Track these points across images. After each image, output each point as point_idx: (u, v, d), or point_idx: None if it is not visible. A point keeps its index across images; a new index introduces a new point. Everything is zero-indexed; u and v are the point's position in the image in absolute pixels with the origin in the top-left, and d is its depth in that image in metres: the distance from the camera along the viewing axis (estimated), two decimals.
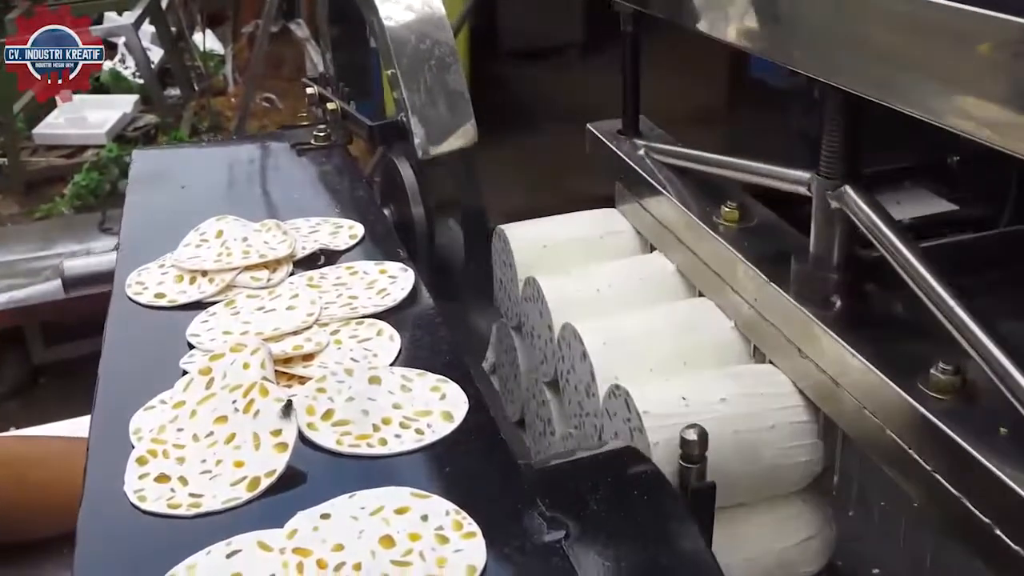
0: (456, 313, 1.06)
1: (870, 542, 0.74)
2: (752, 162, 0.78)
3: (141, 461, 0.58)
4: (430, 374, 0.65)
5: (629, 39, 0.91)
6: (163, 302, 0.76)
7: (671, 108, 1.11)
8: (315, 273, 0.79)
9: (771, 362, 0.73)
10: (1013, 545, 0.52)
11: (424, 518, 0.53)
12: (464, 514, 0.53)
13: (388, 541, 0.51)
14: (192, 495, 0.55)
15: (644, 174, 0.89)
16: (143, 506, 0.55)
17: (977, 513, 0.53)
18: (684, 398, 0.68)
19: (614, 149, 0.94)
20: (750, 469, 0.69)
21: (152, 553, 0.52)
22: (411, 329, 0.72)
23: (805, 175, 0.69)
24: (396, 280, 0.77)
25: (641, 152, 0.92)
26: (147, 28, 3.92)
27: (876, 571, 0.83)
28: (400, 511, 0.53)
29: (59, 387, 2.46)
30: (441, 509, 0.53)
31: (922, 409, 0.56)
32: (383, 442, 0.59)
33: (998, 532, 0.53)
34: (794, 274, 0.70)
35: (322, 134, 1.06)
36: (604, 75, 1.01)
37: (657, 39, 0.93)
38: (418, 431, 0.60)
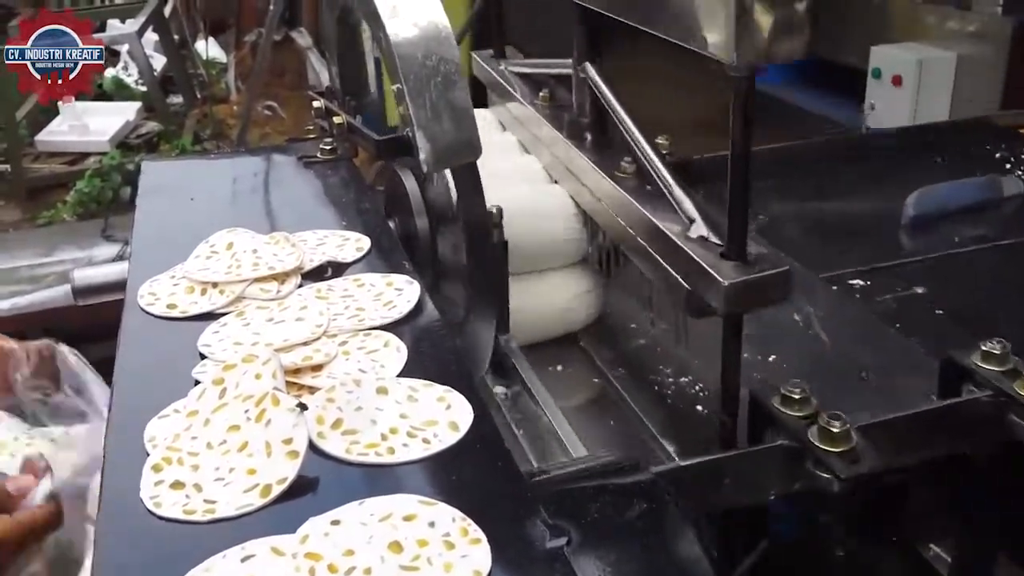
0: (459, 322, 1.08)
1: (626, 303, 1.05)
2: (552, 60, 1.12)
3: (156, 468, 0.60)
4: (436, 385, 0.67)
5: None
6: (175, 313, 0.78)
7: None
8: (323, 285, 0.81)
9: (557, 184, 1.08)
10: (683, 282, 0.74)
11: (431, 524, 0.54)
12: (470, 521, 0.55)
13: (397, 547, 0.53)
14: (207, 501, 0.57)
15: (503, 82, 1.23)
16: (159, 512, 0.56)
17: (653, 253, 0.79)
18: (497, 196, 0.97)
19: (487, 68, 1.28)
20: (539, 243, 1.04)
21: (169, 557, 0.54)
22: (417, 341, 0.73)
23: (569, 61, 1.02)
24: (402, 292, 0.79)
25: (502, 67, 1.26)
26: (150, 36, 3.94)
27: (633, 326, 1.08)
28: (408, 518, 0.55)
29: None
30: (448, 516, 0.55)
31: (616, 185, 0.88)
32: (391, 451, 0.61)
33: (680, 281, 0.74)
34: (565, 121, 1.04)
35: (328, 147, 1.07)
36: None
37: None
38: (425, 440, 0.62)
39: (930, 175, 1.16)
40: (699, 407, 0.89)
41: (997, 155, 1.24)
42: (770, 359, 0.73)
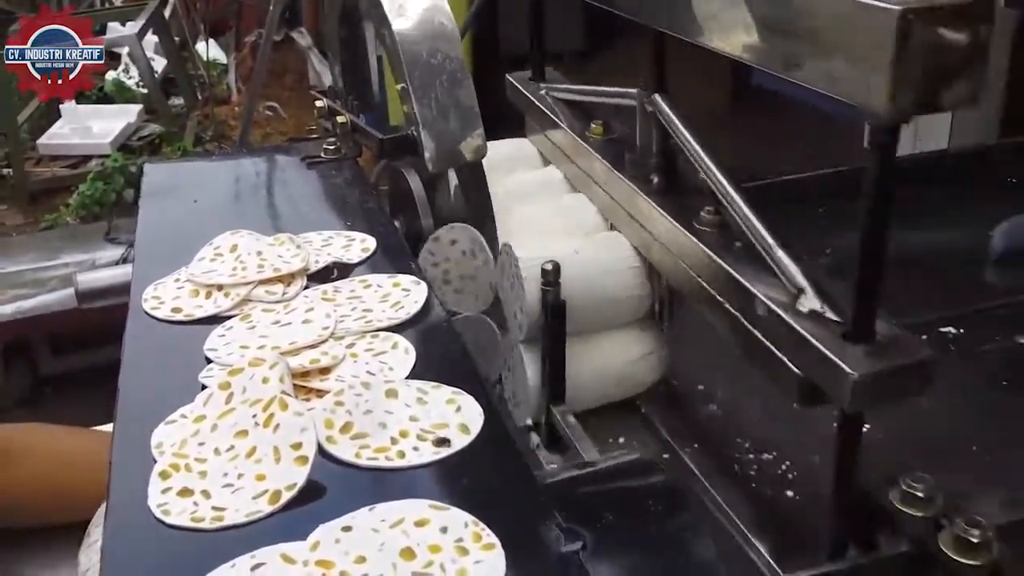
0: (464, 322, 1.07)
1: (696, 364, 0.95)
2: (602, 87, 1.01)
3: (164, 475, 0.59)
4: (445, 386, 0.66)
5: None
6: (180, 316, 0.77)
7: None
8: (329, 287, 0.80)
9: (616, 230, 0.97)
10: (792, 366, 0.61)
11: (443, 530, 0.54)
12: (483, 526, 0.54)
13: (409, 553, 0.52)
14: (215, 508, 0.56)
15: (543, 108, 1.12)
16: (167, 520, 0.56)
17: (739, 317, 0.67)
18: (547, 246, 0.93)
19: (524, 91, 1.17)
20: (596, 301, 0.92)
21: (177, 566, 0.53)
22: (425, 342, 0.73)
23: (633, 91, 0.90)
24: (409, 293, 0.78)
25: (543, 92, 1.15)
26: (150, 38, 3.93)
27: (700, 387, 0.99)
28: (420, 523, 0.54)
29: (66, 397, 2.46)
30: (460, 521, 0.54)
31: (694, 238, 0.76)
32: (401, 455, 0.60)
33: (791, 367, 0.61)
34: (627, 161, 0.93)
35: (332, 147, 1.07)
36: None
37: None
38: (443, 441, 0.61)
39: (1020, 201, 1.05)
40: (789, 492, 0.77)
41: None
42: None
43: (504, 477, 0.59)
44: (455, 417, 0.63)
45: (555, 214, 1.03)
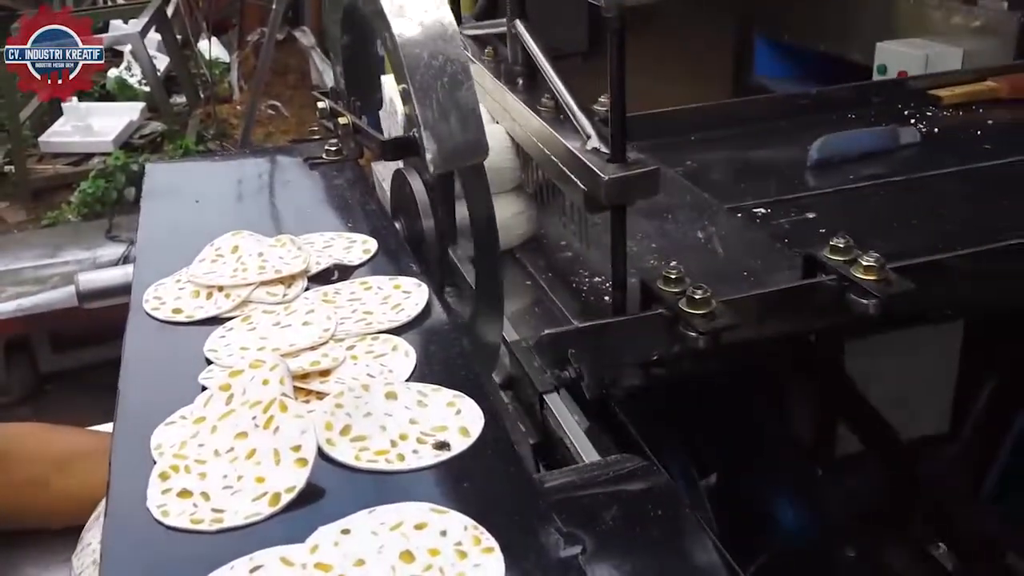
0: (467, 322, 1.07)
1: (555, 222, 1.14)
2: (495, 20, 1.17)
3: (163, 476, 0.59)
4: (446, 389, 0.66)
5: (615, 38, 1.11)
6: (180, 317, 0.77)
7: None
8: (330, 288, 0.80)
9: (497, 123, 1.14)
10: (579, 183, 0.88)
11: (443, 533, 0.53)
12: (482, 529, 0.54)
13: (408, 556, 0.52)
14: (214, 510, 0.56)
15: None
16: (166, 521, 0.56)
17: (562, 167, 0.92)
18: None
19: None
20: None
21: (176, 568, 0.53)
22: (426, 344, 0.73)
23: (503, 20, 1.08)
24: (411, 295, 0.78)
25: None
26: (153, 36, 3.93)
27: (563, 243, 1.15)
28: (419, 526, 0.54)
29: (67, 394, 2.46)
30: (459, 524, 0.54)
31: (541, 120, 0.97)
32: (401, 457, 0.60)
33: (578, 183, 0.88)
34: (502, 71, 1.12)
35: (334, 148, 1.07)
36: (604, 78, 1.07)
37: None
38: (443, 444, 0.61)
39: (840, 127, 1.35)
40: (606, 298, 1.02)
41: (906, 112, 1.44)
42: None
43: (504, 481, 0.59)
44: (455, 420, 0.63)
45: None
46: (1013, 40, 1.79)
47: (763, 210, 1.16)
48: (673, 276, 0.84)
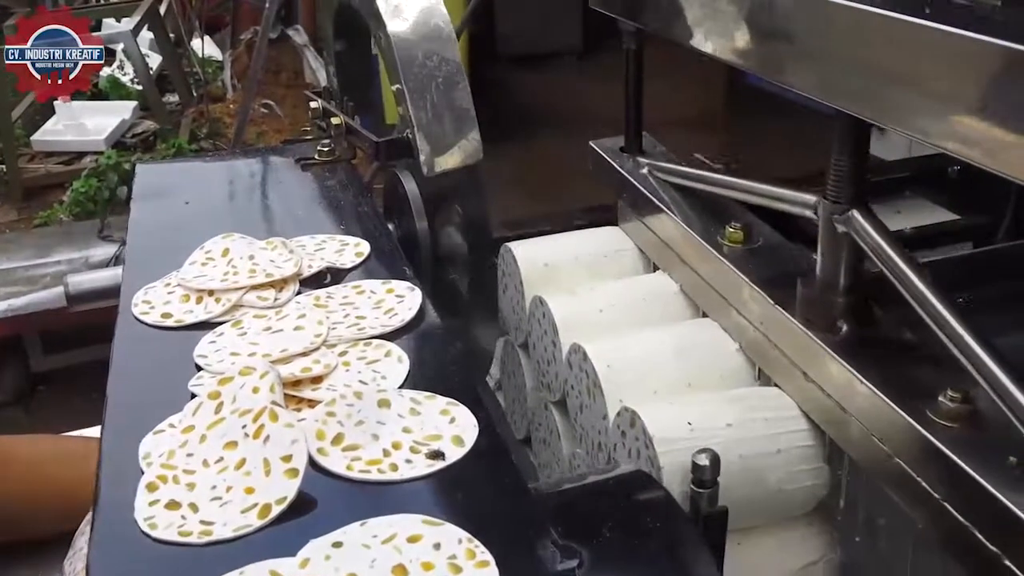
0: (460, 326, 1.06)
1: (875, 569, 0.70)
2: (757, 183, 0.78)
3: (151, 487, 0.58)
4: (439, 397, 0.65)
5: (632, 56, 0.92)
6: (170, 322, 0.76)
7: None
8: (322, 292, 0.79)
9: (776, 385, 0.72)
10: (1020, 574, 0.52)
11: (437, 546, 0.52)
12: (477, 542, 0.52)
13: (401, 570, 0.51)
14: (203, 522, 0.55)
15: (647, 192, 0.90)
16: (154, 534, 0.54)
17: (985, 542, 0.54)
18: (690, 423, 0.68)
19: (616, 167, 0.95)
20: (756, 493, 0.69)
21: None
22: (419, 350, 0.71)
23: (811, 199, 0.69)
24: (403, 300, 0.77)
25: (644, 170, 0.94)
26: (145, 35, 3.91)
27: None
28: (412, 539, 0.53)
29: (58, 395, 2.45)
30: (454, 537, 0.53)
31: (931, 437, 0.57)
32: (394, 467, 0.59)
33: (1007, 562, 0.53)
34: (800, 297, 0.69)
35: (326, 149, 1.05)
36: (603, 81, 1.03)
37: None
38: (437, 454, 0.60)
39: None
40: None
41: None
42: None
43: (499, 492, 0.58)
44: (449, 429, 0.62)
45: (680, 353, 0.78)
46: None
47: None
48: None
